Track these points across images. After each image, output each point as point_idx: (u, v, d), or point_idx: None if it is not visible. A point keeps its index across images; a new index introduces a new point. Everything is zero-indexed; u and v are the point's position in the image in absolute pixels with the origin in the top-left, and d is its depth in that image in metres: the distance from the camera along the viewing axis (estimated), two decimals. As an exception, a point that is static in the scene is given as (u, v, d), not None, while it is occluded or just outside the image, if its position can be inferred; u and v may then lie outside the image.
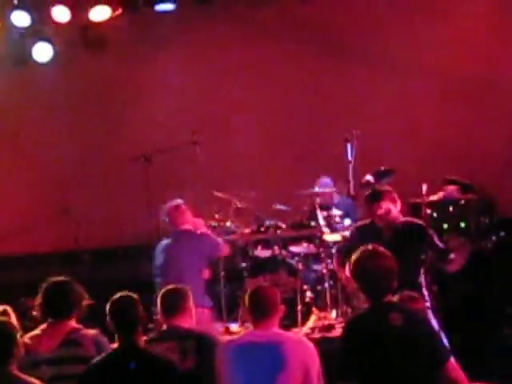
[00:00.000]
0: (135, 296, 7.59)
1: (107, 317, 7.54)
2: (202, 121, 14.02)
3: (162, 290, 8.64)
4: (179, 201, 12.10)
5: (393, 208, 10.05)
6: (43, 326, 8.12)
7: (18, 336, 7.38)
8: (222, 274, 12.86)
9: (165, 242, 12.04)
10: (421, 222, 10.40)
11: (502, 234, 10.12)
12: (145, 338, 8.05)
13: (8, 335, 7.27)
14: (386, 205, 10.02)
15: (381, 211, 9.98)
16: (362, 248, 7.67)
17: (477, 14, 13.69)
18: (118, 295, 7.63)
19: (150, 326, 10.24)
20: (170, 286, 8.56)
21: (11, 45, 13.83)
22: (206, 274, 11.89)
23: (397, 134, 14.05)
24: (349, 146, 12.92)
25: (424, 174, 12.72)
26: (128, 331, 7.41)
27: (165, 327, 8.34)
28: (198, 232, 11.94)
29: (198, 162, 13.09)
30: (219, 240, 12.05)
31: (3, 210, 14.55)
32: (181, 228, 11.95)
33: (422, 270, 10.03)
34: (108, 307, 7.55)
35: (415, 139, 14.01)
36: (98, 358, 7.48)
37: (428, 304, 9.60)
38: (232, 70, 14.31)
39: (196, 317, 8.55)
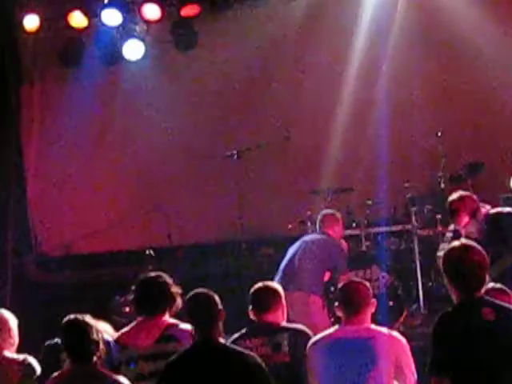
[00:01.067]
0: (211, 292, 7.58)
1: (186, 313, 7.63)
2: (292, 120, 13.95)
3: (255, 287, 8.69)
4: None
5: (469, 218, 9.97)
6: (138, 321, 8.20)
7: (98, 334, 7.51)
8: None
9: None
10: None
11: None
12: (237, 334, 8.13)
13: (91, 331, 7.47)
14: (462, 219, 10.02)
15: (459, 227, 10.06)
16: (454, 243, 7.68)
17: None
18: (194, 292, 7.65)
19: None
20: (262, 284, 8.64)
21: (101, 43, 13.90)
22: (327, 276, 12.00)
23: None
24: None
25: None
26: (205, 327, 7.47)
27: (256, 323, 8.48)
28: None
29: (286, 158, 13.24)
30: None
31: (102, 210, 14.72)
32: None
33: None
34: (186, 304, 7.63)
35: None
36: (176, 354, 7.66)
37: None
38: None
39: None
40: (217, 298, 7.45)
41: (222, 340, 7.43)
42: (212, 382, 7.21)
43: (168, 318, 8.18)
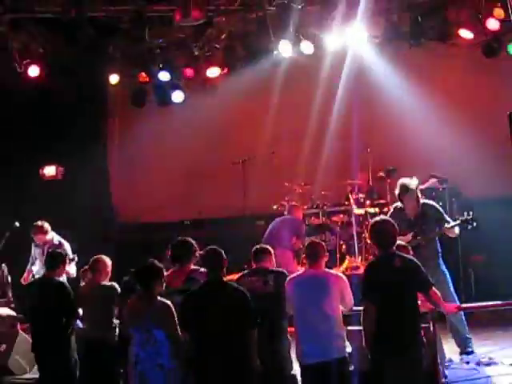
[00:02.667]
0: (220, 249, 7.70)
1: (203, 261, 7.87)
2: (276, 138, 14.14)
3: (255, 247, 8.99)
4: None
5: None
6: (174, 268, 8.41)
7: (159, 273, 7.76)
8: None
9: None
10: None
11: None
12: (241, 273, 8.49)
13: (157, 271, 7.78)
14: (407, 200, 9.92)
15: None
16: (376, 217, 8.09)
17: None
18: (209, 247, 7.80)
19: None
20: (259, 245, 8.82)
21: (158, 92, 13.99)
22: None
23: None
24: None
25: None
26: (215, 270, 7.63)
27: (254, 267, 8.61)
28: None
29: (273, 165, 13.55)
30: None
31: (159, 194, 14.85)
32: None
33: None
34: (204, 255, 7.81)
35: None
36: (193, 289, 7.81)
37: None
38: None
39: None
40: (223, 252, 7.69)
41: (224, 278, 7.71)
42: (218, 305, 7.42)
43: (192, 266, 8.44)
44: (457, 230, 9.74)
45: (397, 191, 10.09)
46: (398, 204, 10.07)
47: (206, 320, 7.43)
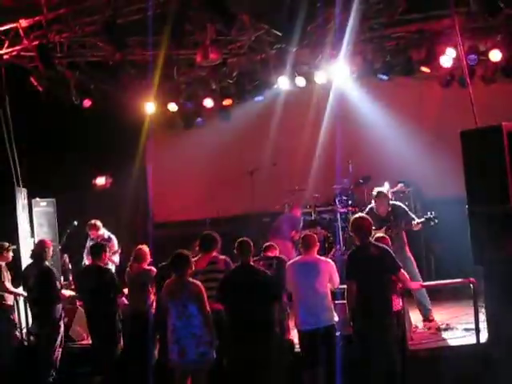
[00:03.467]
0: (249, 239, 7.89)
1: (236, 249, 7.90)
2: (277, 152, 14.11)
3: (265, 244, 9.07)
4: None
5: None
6: (199, 255, 8.49)
7: (190, 260, 7.85)
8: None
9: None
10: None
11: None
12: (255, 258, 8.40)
13: (187, 258, 7.86)
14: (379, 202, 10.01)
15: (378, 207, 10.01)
16: (356, 215, 8.14)
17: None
18: (241, 238, 7.94)
19: None
20: (268, 243, 9.08)
21: (184, 117, 14.16)
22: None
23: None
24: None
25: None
26: (245, 256, 7.78)
27: (262, 255, 8.77)
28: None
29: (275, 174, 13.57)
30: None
31: (187, 198, 14.84)
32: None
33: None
34: (237, 244, 7.90)
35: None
36: (228, 271, 8.00)
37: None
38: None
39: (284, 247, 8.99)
40: (252, 242, 7.82)
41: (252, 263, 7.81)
42: (248, 286, 7.57)
43: (214, 253, 8.48)
44: (421, 226, 9.82)
45: (373, 194, 10.12)
46: (373, 205, 10.10)
47: (240, 293, 7.53)
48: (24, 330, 10.62)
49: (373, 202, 10.16)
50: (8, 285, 10.22)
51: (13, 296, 10.30)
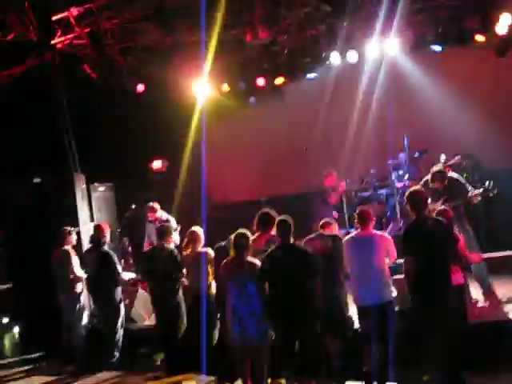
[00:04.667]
0: (290, 218, 7.84)
1: (277, 228, 7.86)
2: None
3: (322, 221, 9.00)
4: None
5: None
6: (257, 234, 8.44)
7: (248, 239, 7.91)
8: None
9: None
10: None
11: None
12: (309, 236, 8.34)
13: (246, 238, 7.89)
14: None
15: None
16: (412, 188, 8.02)
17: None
18: (281, 218, 7.89)
19: None
20: (324, 220, 8.86)
21: (237, 97, 14.04)
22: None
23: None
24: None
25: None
26: (285, 235, 7.73)
27: (318, 233, 8.60)
28: None
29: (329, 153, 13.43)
30: None
31: (242, 171, 14.90)
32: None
33: None
34: (278, 224, 7.86)
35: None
36: (273, 248, 7.82)
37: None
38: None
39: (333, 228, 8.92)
40: (291, 221, 7.76)
41: (292, 241, 7.77)
42: (289, 260, 7.56)
43: (272, 232, 8.35)
44: (479, 197, 9.59)
45: (434, 172, 9.95)
46: (428, 178, 9.95)
47: (281, 271, 7.53)
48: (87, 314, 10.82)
49: (429, 175, 9.98)
50: (77, 269, 10.44)
51: (81, 282, 10.51)
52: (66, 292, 10.37)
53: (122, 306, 10.21)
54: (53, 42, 11.26)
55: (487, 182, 9.60)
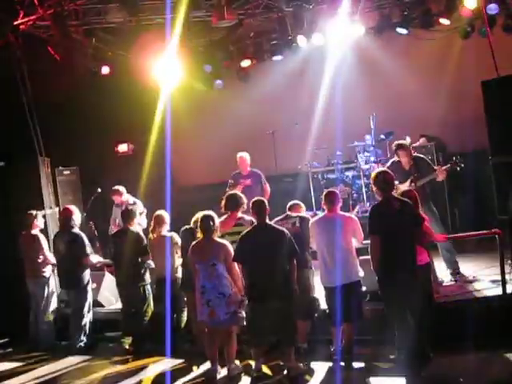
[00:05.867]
0: (264, 199, 8.00)
1: (251, 209, 7.93)
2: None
3: (290, 202, 9.00)
4: None
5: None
6: (225, 215, 8.54)
7: (217, 222, 7.97)
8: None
9: None
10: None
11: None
12: (278, 218, 8.41)
13: (213, 219, 7.88)
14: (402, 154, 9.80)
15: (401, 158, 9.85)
16: (378, 169, 8.04)
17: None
18: (256, 198, 8.03)
19: None
20: (293, 201, 8.89)
21: (203, 80, 13.86)
22: None
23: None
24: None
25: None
26: (260, 215, 7.82)
27: (285, 214, 8.56)
28: None
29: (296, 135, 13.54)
30: None
31: (209, 153, 14.56)
32: None
33: None
34: (252, 205, 7.94)
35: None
36: (248, 229, 7.99)
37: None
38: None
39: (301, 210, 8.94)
40: (266, 202, 7.86)
41: (268, 221, 7.84)
42: (265, 243, 7.63)
43: (239, 213, 8.52)
44: (444, 174, 9.66)
45: (394, 147, 10.02)
46: (395, 158, 9.99)
47: (257, 252, 7.58)
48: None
49: (395, 156, 10.03)
50: (47, 253, 10.34)
51: (50, 266, 10.39)
52: (34, 277, 10.25)
53: (89, 289, 10.13)
54: (15, 23, 11.03)
55: (454, 157, 9.70)
